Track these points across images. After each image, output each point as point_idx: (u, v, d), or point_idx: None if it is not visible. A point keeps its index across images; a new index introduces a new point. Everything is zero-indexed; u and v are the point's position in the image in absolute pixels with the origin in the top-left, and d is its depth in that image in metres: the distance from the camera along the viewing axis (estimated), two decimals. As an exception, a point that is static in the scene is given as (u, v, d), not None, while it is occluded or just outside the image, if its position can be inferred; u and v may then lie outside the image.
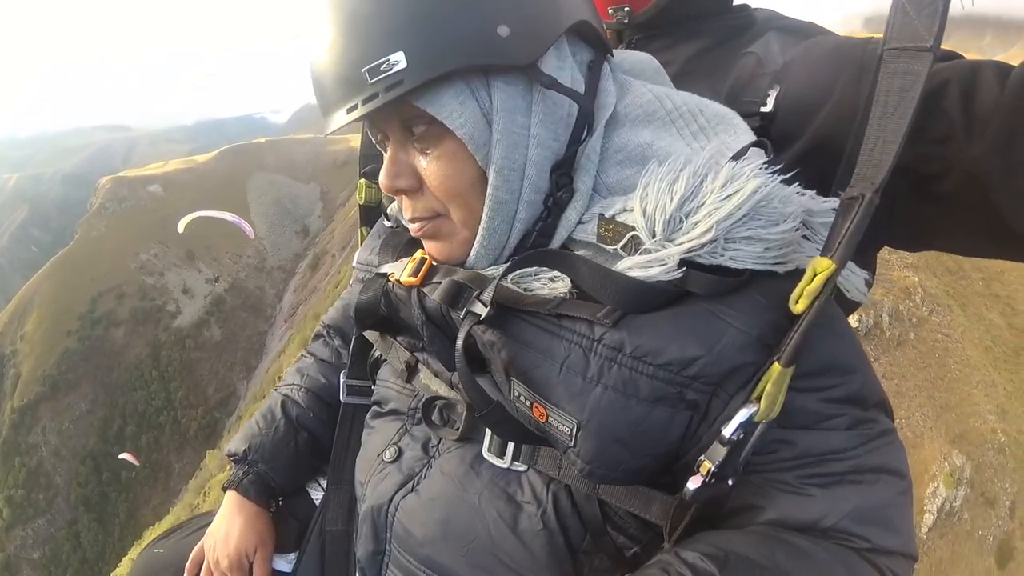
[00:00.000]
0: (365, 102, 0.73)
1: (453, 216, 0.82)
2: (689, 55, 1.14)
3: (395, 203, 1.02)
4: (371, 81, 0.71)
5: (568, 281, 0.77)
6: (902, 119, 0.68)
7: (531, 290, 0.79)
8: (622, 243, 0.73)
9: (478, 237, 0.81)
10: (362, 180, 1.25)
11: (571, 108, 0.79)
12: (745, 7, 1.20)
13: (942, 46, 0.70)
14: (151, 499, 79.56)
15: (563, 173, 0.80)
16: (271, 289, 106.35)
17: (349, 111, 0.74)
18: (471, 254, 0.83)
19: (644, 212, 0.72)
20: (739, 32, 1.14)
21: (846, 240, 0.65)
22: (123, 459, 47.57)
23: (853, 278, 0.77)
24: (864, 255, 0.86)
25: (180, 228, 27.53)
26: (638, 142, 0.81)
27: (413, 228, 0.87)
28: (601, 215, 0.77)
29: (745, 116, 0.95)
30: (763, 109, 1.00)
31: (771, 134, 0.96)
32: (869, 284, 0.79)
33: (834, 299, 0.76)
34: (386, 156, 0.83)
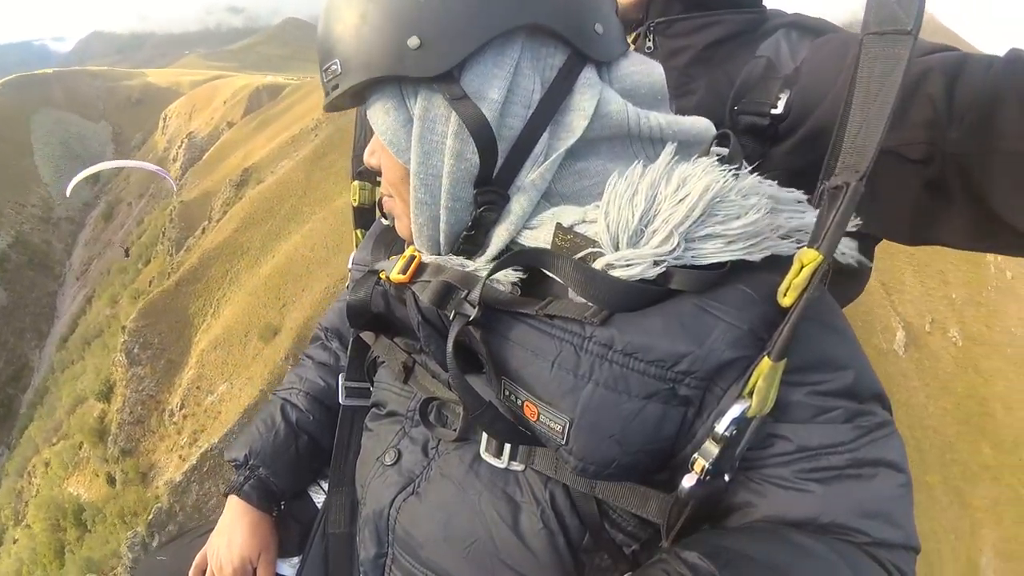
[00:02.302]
0: (326, 95, 0.85)
1: (397, 201, 0.89)
2: (707, 42, 1.18)
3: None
4: (325, 80, 0.84)
5: (510, 283, 0.80)
6: (884, 104, 0.67)
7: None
8: (580, 255, 0.73)
9: (411, 227, 0.87)
10: (356, 182, 1.25)
11: (515, 119, 0.80)
12: (761, 3, 1.24)
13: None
14: (-52, 492, 71.41)
15: (490, 190, 0.80)
16: (59, 244, 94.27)
17: (324, 100, 0.87)
18: (413, 240, 0.89)
19: (608, 228, 0.71)
20: (754, 26, 1.18)
21: (832, 230, 0.64)
22: None
23: (846, 251, 0.77)
24: (864, 248, 0.90)
25: (68, 191, 23.25)
26: (601, 167, 0.83)
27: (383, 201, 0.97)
28: (559, 225, 0.76)
29: (754, 116, 0.96)
30: (774, 111, 1.02)
31: (779, 132, 1.02)
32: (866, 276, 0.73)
33: (829, 292, 0.77)
34: None
